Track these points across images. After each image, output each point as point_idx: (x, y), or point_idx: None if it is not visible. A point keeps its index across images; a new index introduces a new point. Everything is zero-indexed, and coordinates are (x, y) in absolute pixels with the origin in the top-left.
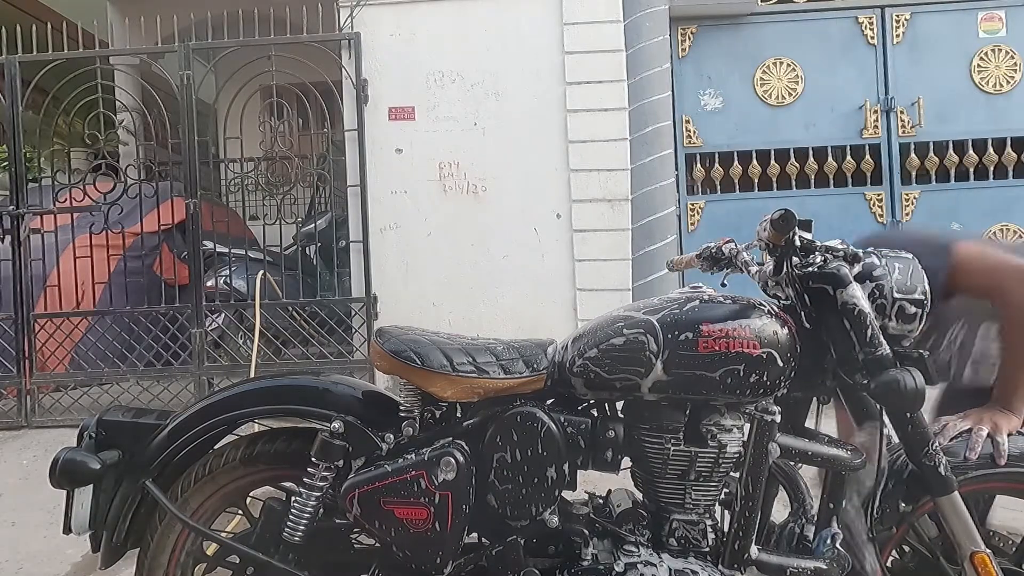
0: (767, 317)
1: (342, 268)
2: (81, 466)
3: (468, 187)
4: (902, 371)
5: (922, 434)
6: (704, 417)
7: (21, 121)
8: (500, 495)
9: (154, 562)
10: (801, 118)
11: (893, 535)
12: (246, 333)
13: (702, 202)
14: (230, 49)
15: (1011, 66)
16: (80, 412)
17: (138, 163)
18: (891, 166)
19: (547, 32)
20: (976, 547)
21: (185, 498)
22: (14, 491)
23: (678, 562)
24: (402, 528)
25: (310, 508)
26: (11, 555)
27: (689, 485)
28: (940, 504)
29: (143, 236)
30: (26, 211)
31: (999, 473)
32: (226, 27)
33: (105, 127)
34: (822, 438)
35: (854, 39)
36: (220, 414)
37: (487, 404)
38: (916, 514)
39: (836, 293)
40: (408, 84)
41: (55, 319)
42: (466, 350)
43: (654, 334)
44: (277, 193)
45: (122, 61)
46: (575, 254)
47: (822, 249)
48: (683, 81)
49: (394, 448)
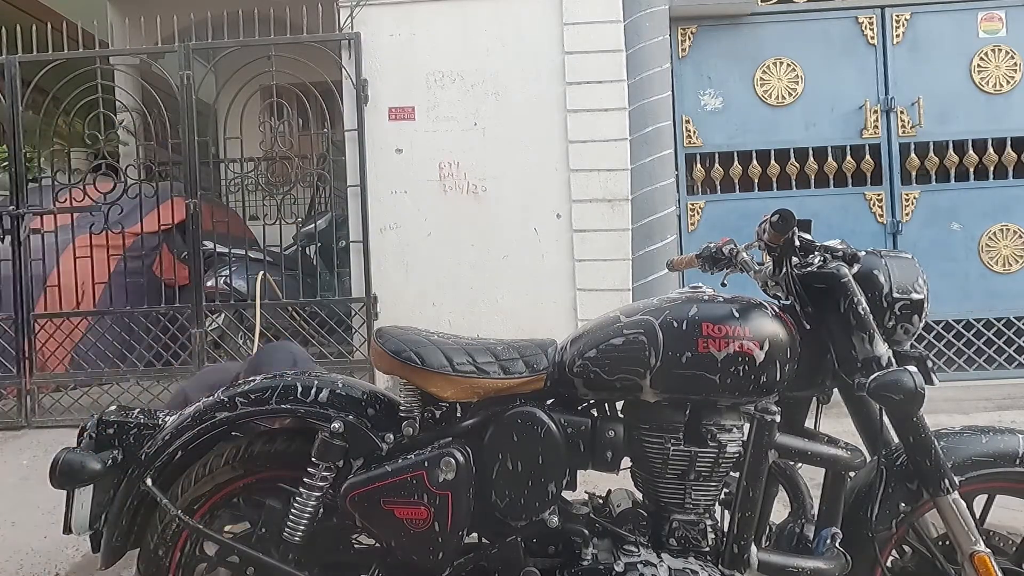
0: (767, 317)
1: (342, 268)
2: (81, 466)
3: (468, 187)
4: (902, 371)
5: (922, 434)
6: (704, 417)
7: (21, 121)
8: (500, 495)
9: (154, 562)
10: (801, 118)
11: (893, 535)
12: (246, 333)
13: (702, 202)
14: (230, 49)
15: (1011, 66)
16: (80, 412)
17: (138, 163)
18: (891, 166)
19: (547, 32)
20: (976, 547)
21: (185, 498)
22: (14, 491)
23: (678, 562)
24: (402, 528)
25: (310, 508)
26: (11, 555)
27: (689, 485)
28: (940, 504)
29: (143, 236)
30: (26, 211)
31: (999, 473)
32: (226, 27)
33: (105, 127)
34: (822, 438)
35: (854, 39)
36: (220, 414)
37: (487, 404)
38: (916, 514)
39: (835, 293)
40: (408, 84)
41: (55, 319)
42: (466, 350)
43: (654, 334)
44: (277, 193)
45: (122, 61)
46: (575, 254)
47: (821, 249)
48: (683, 81)
49: (394, 448)
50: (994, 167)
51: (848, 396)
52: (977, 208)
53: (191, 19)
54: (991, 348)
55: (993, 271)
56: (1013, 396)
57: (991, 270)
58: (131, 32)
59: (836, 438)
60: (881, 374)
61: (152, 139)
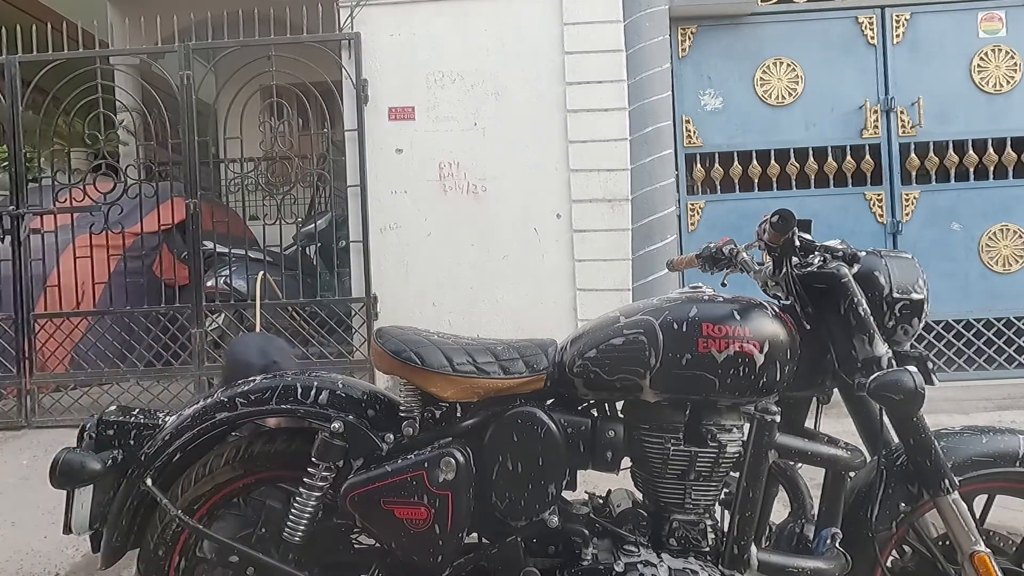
0: (767, 317)
1: (342, 268)
2: (81, 466)
3: (468, 187)
4: (902, 371)
5: (922, 434)
6: (704, 417)
7: (21, 121)
8: (500, 495)
9: (154, 562)
10: (801, 118)
11: (893, 535)
12: (246, 333)
13: (702, 202)
14: (230, 49)
15: (1011, 66)
16: (80, 412)
17: (138, 163)
18: (891, 166)
19: (547, 32)
20: (976, 547)
21: (185, 498)
22: (14, 491)
23: (678, 562)
24: (402, 528)
25: (310, 508)
26: (11, 555)
27: (689, 485)
28: (940, 504)
29: (143, 236)
30: (26, 211)
31: (999, 473)
32: (226, 27)
33: (105, 127)
34: (822, 438)
35: (854, 39)
36: (220, 414)
37: (487, 404)
38: (916, 514)
39: (835, 293)
40: (408, 84)
41: (55, 319)
42: (466, 350)
43: (654, 335)
44: (277, 193)
45: (122, 61)
46: (575, 254)
47: (821, 249)
48: (683, 81)
49: (394, 448)
50: (994, 167)
51: (848, 396)
52: (977, 208)
53: (191, 19)
54: (991, 348)
55: (993, 271)
56: (1013, 396)
57: (991, 270)
58: (131, 32)
59: (836, 438)
60: (881, 374)
61: (152, 139)
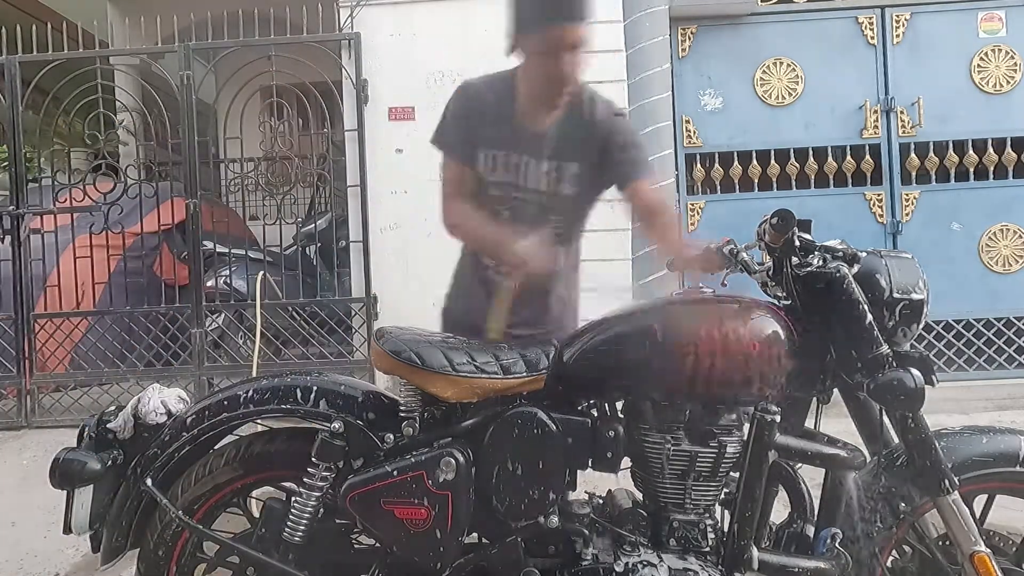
0: (767, 317)
1: (342, 268)
2: (81, 466)
3: None
4: (902, 371)
5: (922, 434)
6: (704, 417)
7: (21, 121)
8: (500, 495)
9: (154, 562)
10: (801, 118)
11: (893, 535)
12: (246, 333)
13: (702, 202)
14: (230, 49)
15: (1011, 66)
16: (80, 412)
17: (138, 163)
18: (891, 166)
19: None
20: (976, 547)
21: (185, 498)
22: (14, 491)
23: (678, 562)
24: (402, 528)
25: (310, 508)
26: (11, 555)
27: (689, 485)
28: (940, 504)
29: (143, 236)
30: (26, 211)
31: (999, 473)
32: (226, 27)
33: (105, 127)
34: (822, 438)
35: (854, 39)
36: (220, 414)
37: (487, 404)
38: (916, 514)
39: (835, 293)
40: (408, 84)
41: (55, 319)
42: (466, 350)
43: (654, 335)
44: (277, 193)
45: (122, 61)
46: None
47: (821, 249)
48: (683, 81)
49: (394, 448)
50: (994, 167)
51: (848, 396)
52: (977, 208)
53: (191, 19)
54: (991, 348)
55: (993, 271)
56: (1013, 396)
57: (991, 270)
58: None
59: (836, 438)
60: (881, 374)
61: (152, 139)
